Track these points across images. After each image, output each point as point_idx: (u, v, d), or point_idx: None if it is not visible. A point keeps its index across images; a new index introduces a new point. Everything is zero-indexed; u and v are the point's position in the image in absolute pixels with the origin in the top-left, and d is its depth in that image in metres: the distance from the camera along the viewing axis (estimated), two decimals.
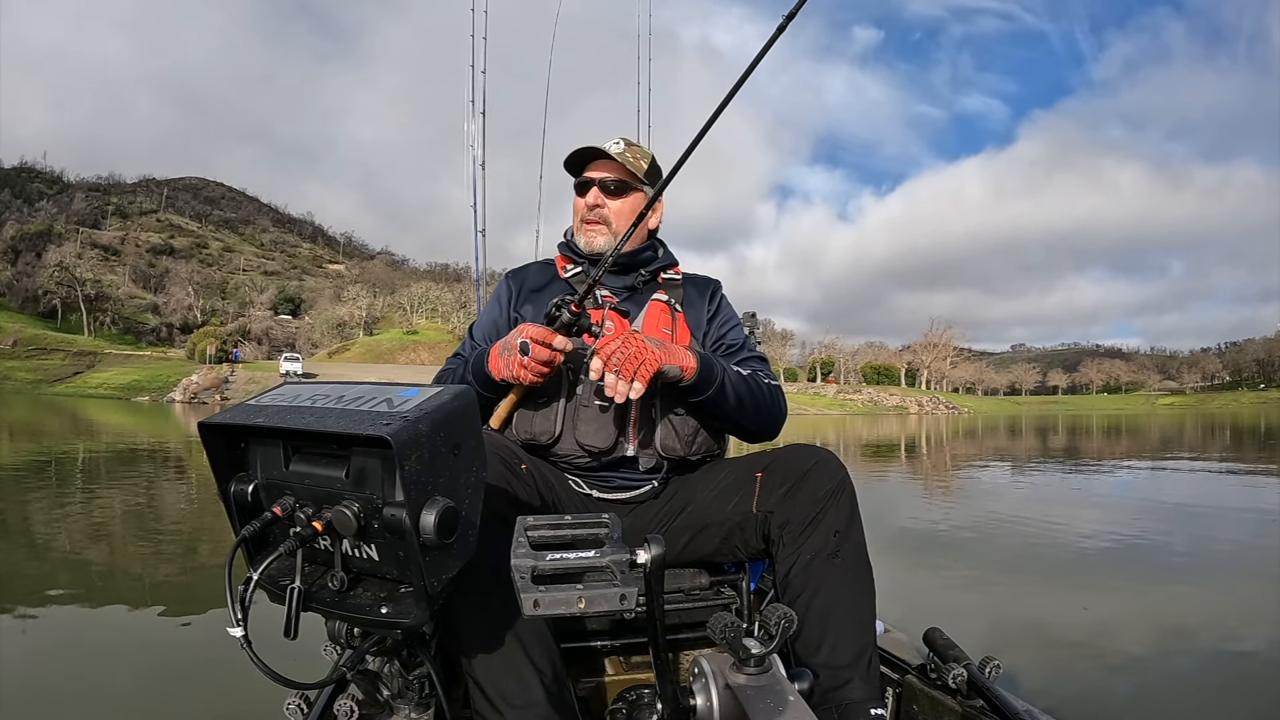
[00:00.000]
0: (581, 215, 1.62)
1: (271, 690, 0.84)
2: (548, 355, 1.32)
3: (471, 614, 1.06)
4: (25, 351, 72.49)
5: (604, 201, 1.59)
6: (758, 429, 1.50)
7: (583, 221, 1.61)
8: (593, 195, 1.60)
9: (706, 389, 1.38)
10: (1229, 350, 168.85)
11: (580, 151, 1.61)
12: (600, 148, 1.59)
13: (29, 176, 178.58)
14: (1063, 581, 4.27)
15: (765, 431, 1.52)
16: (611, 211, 1.59)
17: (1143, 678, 2.75)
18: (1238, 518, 6.64)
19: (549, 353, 1.32)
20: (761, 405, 1.48)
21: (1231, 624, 3.40)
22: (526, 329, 1.33)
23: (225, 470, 0.88)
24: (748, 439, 1.55)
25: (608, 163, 1.60)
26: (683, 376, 1.35)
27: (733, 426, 1.51)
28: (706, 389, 1.38)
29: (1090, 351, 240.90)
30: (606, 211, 1.59)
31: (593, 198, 1.59)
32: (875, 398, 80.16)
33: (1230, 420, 43.10)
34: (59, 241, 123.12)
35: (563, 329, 1.31)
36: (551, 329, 1.31)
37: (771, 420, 1.52)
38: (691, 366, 1.35)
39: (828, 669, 1.18)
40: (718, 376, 1.40)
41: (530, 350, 1.31)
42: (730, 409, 1.43)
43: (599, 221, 1.60)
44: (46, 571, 4.20)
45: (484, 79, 3.31)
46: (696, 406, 1.43)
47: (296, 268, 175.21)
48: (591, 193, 1.60)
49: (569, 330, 1.32)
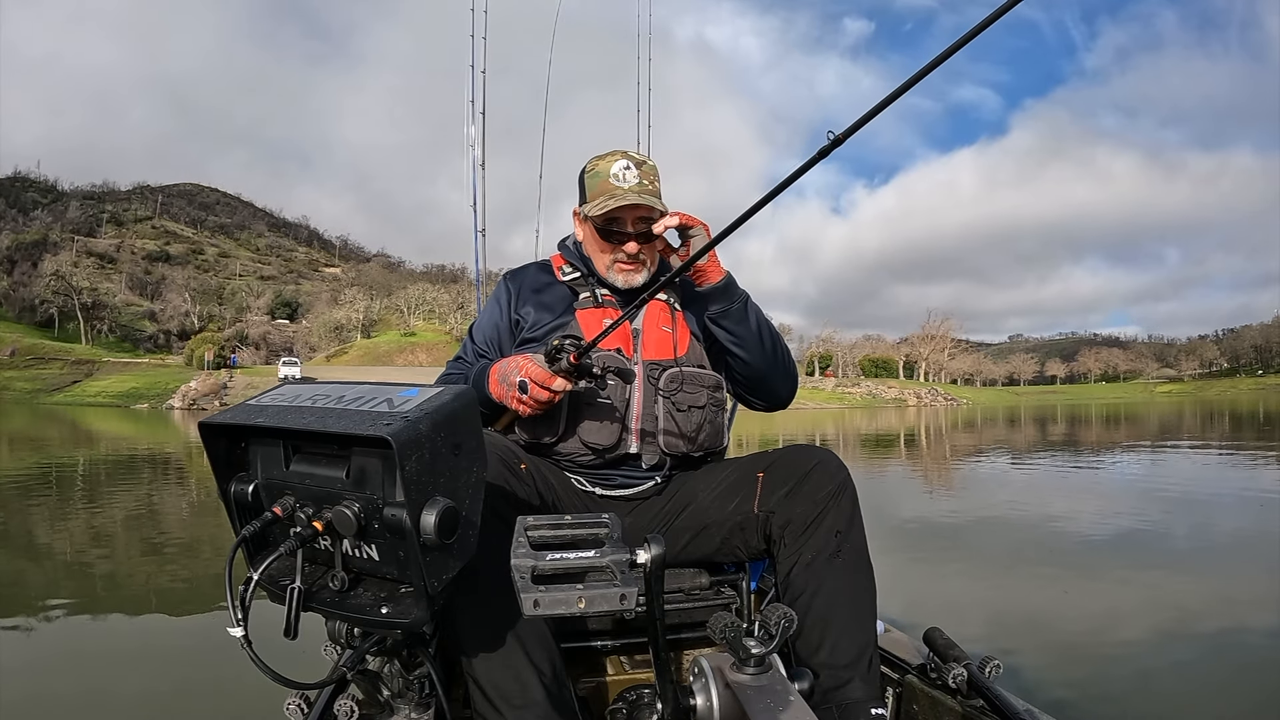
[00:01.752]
0: (616, 256, 1.54)
1: (272, 690, 0.84)
2: (546, 397, 1.32)
3: (471, 614, 1.06)
4: (23, 361, 72.37)
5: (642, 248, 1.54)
6: (771, 370, 1.52)
7: (617, 263, 1.55)
8: (632, 246, 1.52)
9: (734, 297, 1.45)
10: (1226, 337, 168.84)
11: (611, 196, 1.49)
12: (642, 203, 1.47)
13: (23, 186, 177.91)
14: (1062, 568, 4.28)
15: (776, 379, 1.54)
16: (646, 252, 1.55)
17: (1136, 662, 2.76)
18: (1238, 502, 6.66)
19: (547, 394, 1.31)
20: (779, 346, 1.52)
21: (1234, 609, 3.41)
22: (527, 368, 1.31)
23: (225, 470, 0.88)
24: (760, 388, 1.55)
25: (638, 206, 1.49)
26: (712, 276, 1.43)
27: (751, 358, 1.49)
28: (734, 297, 1.45)
29: (1088, 341, 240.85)
30: (644, 255, 1.55)
31: (633, 248, 1.52)
32: (874, 391, 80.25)
33: (1229, 407, 43.17)
34: (55, 250, 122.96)
35: (561, 373, 1.30)
36: (550, 371, 1.30)
37: (787, 369, 1.54)
38: (724, 271, 1.44)
39: (828, 669, 1.18)
40: (744, 294, 1.47)
41: (529, 390, 1.31)
42: (751, 332, 1.47)
43: (638, 264, 1.55)
44: (49, 577, 4.20)
45: (484, 79, 3.30)
46: (722, 322, 1.47)
47: (293, 272, 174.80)
48: (631, 244, 1.52)
49: (569, 375, 1.31)
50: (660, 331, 1.52)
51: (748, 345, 1.47)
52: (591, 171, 1.54)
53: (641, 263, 1.54)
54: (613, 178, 1.48)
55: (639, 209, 1.48)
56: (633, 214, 1.50)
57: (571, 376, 1.30)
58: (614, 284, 1.56)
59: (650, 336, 1.51)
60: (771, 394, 1.57)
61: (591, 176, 1.53)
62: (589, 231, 1.56)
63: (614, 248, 1.53)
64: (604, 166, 1.51)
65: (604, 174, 1.50)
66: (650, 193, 1.49)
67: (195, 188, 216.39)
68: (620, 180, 1.48)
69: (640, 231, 1.51)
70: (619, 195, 1.46)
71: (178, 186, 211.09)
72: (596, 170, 1.52)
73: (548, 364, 1.30)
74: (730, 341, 1.49)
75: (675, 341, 1.52)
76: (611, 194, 1.47)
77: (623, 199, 1.45)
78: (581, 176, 1.58)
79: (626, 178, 1.48)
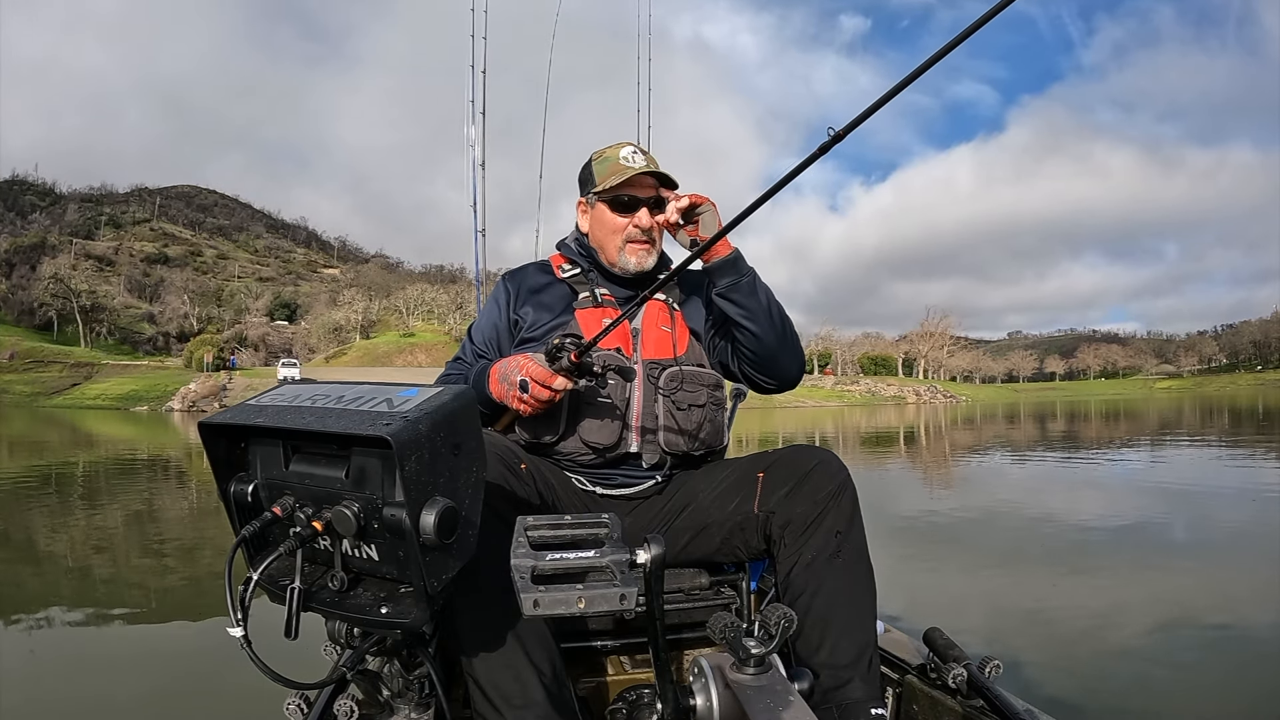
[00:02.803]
0: (628, 235, 1.55)
1: (272, 690, 0.84)
2: (547, 396, 1.32)
3: (471, 614, 1.05)
4: (22, 364, 72.29)
5: (653, 221, 1.54)
6: (781, 346, 1.49)
7: (630, 242, 1.55)
8: (645, 216, 1.53)
9: (742, 270, 1.43)
10: (1225, 333, 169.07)
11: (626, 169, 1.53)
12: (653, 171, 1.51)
13: (21, 189, 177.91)
14: (1061, 564, 4.29)
15: (789, 352, 1.51)
16: (656, 230, 1.56)
17: (1134, 658, 2.76)
18: (1235, 498, 6.67)
19: (548, 393, 1.32)
20: (788, 323, 1.50)
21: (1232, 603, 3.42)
22: (528, 367, 1.32)
23: (225, 470, 0.88)
24: (770, 366, 1.51)
25: (647, 177, 1.53)
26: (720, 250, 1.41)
27: (761, 332, 1.47)
28: (742, 270, 1.43)
29: (1087, 337, 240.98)
30: (655, 231, 1.56)
31: (646, 219, 1.53)
32: (873, 388, 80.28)
33: (1229, 402, 43.19)
34: (53, 253, 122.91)
35: (562, 372, 1.30)
36: (551, 369, 1.30)
37: (794, 348, 1.52)
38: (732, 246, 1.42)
39: (828, 669, 1.18)
40: (751, 269, 1.45)
41: (530, 389, 1.31)
42: (761, 305, 1.45)
43: (649, 242, 1.56)
44: (48, 580, 4.20)
45: (484, 79, 3.30)
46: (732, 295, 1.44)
47: (291, 273, 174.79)
48: (643, 213, 1.53)
49: (569, 374, 1.31)
50: (660, 331, 1.53)
51: (758, 319, 1.45)
52: (600, 159, 1.58)
53: (653, 241, 1.57)
54: (622, 159, 1.53)
55: (651, 181, 1.53)
56: (645, 188, 1.54)
57: (572, 375, 1.31)
58: (625, 267, 1.57)
59: (650, 336, 1.51)
60: (782, 372, 1.53)
61: (600, 162, 1.58)
62: (599, 213, 1.58)
63: (626, 224, 1.55)
64: (612, 152, 1.56)
65: (613, 158, 1.55)
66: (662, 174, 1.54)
67: (193, 190, 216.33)
68: (630, 162, 1.53)
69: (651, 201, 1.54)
70: (631, 171, 1.51)
71: (175, 189, 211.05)
72: (605, 156, 1.57)
73: (548, 363, 1.30)
74: (740, 315, 1.46)
75: (675, 341, 1.53)
76: (623, 172, 1.51)
77: (637, 170, 1.50)
78: (588, 165, 1.61)
79: (635, 160, 1.53)
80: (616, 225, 1.55)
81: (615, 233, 1.56)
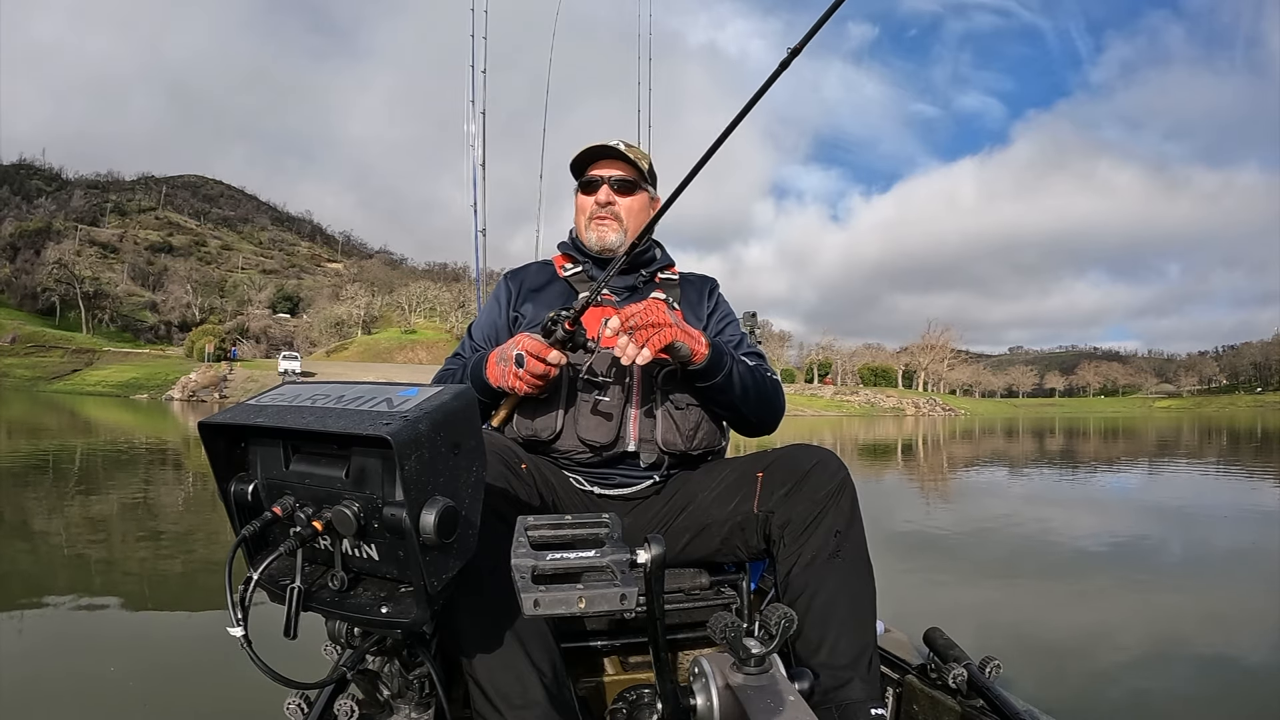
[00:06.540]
0: (590, 213, 1.64)
1: (271, 690, 0.84)
2: (542, 369, 1.33)
3: (471, 614, 1.05)
4: (24, 349, 72.35)
5: (614, 199, 1.63)
6: (758, 420, 1.53)
7: (592, 218, 1.64)
8: (604, 193, 1.62)
9: (715, 374, 1.40)
10: (1226, 354, 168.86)
11: (587, 151, 1.64)
12: (610, 145, 1.62)
13: (28, 173, 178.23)
14: (1057, 579, 4.28)
15: (765, 424, 1.55)
16: (622, 208, 1.63)
17: (1129, 673, 2.76)
18: (1233, 519, 6.66)
19: (544, 366, 1.33)
20: (764, 397, 1.51)
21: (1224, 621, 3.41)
22: (523, 341, 1.34)
23: (225, 470, 0.88)
24: (747, 431, 1.57)
25: (615, 161, 1.64)
26: (692, 360, 1.37)
27: (734, 416, 1.52)
28: (715, 374, 1.40)
29: (1087, 354, 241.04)
30: (618, 208, 1.63)
31: (604, 195, 1.62)
32: (872, 399, 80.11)
33: (1227, 423, 43.16)
34: (58, 239, 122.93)
35: (557, 344, 1.32)
36: (546, 343, 1.32)
37: (772, 413, 1.55)
38: (703, 352, 1.38)
39: (828, 669, 1.18)
40: (727, 364, 1.42)
41: (525, 363, 1.33)
42: (735, 397, 1.45)
43: (610, 218, 1.63)
44: (45, 570, 4.19)
45: (484, 79, 3.30)
46: (703, 392, 1.45)
47: (295, 266, 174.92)
48: (602, 190, 1.63)
49: (564, 345, 1.33)
50: None
51: (737, 408, 1.49)
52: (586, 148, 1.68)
53: (615, 218, 1.63)
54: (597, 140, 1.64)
55: (619, 163, 1.63)
56: (609, 168, 1.63)
57: (566, 347, 1.33)
58: (590, 244, 1.65)
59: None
60: (757, 431, 1.58)
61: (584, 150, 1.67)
62: (576, 200, 1.68)
63: (589, 202, 1.64)
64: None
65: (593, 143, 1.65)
66: (637, 160, 1.63)
67: (199, 180, 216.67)
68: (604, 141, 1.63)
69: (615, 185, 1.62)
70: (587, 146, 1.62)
71: (182, 178, 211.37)
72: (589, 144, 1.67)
73: (543, 337, 1.33)
74: (719, 408, 1.51)
75: None
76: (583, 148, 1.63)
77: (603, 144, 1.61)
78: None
79: (610, 140, 1.63)
80: (583, 205, 1.66)
81: (582, 212, 1.67)
